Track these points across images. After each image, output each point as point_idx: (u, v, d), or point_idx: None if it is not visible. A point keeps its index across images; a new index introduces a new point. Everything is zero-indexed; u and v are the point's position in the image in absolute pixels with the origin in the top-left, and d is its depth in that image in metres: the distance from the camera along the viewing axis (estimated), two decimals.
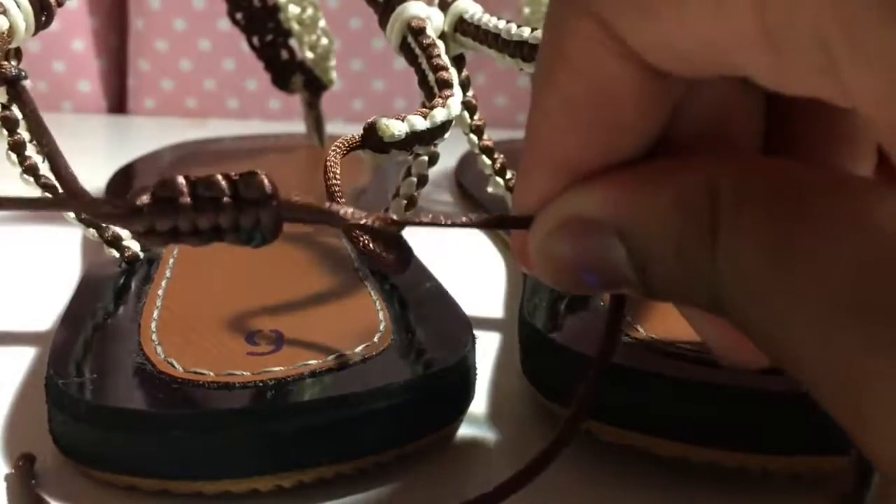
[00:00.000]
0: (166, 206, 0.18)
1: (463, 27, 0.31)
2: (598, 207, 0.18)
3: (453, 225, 0.20)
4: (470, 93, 0.32)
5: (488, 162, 0.33)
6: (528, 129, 0.19)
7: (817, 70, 0.15)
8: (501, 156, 0.33)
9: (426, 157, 0.31)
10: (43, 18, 0.29)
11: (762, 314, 0.16)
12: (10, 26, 0.27)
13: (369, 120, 0.24)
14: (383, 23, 0.31)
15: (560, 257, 0.19)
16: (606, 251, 0.18)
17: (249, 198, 0.18)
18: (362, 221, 0.19)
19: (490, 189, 0.33)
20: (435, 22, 0.30)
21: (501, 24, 0.30)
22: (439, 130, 0.26)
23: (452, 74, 0.28)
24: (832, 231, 0.15)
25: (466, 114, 0.32)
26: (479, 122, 0.32)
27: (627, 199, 0.18)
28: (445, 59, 0.28)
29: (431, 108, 0.26)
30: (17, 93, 0.23)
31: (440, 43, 0.29)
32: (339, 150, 0.24)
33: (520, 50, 0.29)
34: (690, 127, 0.19)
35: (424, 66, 0.29)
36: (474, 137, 0.32)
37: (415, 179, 0.32)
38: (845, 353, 0.14)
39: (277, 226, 0.19)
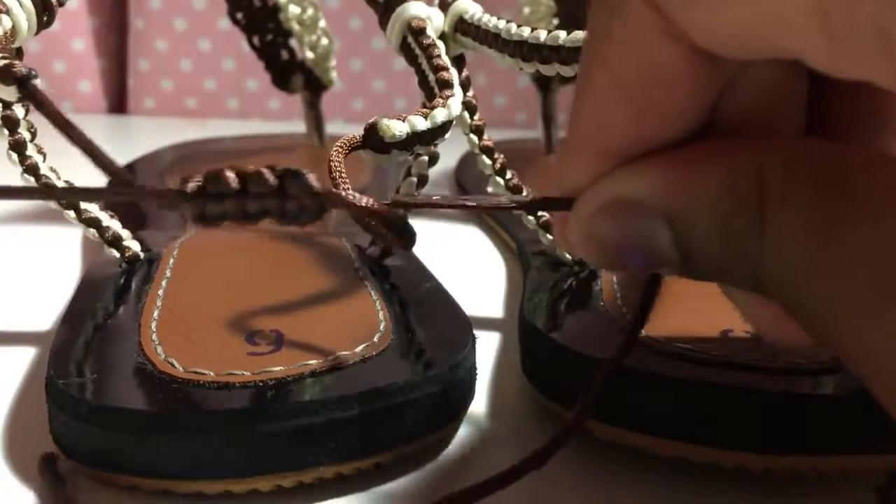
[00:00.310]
0: (215, 196, 0.19)
1: (463, 27, 0.31)
2: (644, 190, 0.18)
3: (493, 208, 0.20)
4: (470, 93, 0.32)
5: (488, 162, 0.33)
6: (573, 111, 0.19)
7: (874, 55, 0.15)
8: (501, 156, 0.33)
9: (426, 158, 0.31)
10: (44, 18, 0.29)
11: (809, 295, 0.16)
12: (13, 26, 0.27)
13: (370, 120, 0.24)
14: (383, 23, 0.31)
15: (604, 238, 0.19)
16: (650, 233, 0.18)
17: (295, 194, 0.19)
18: (371, 206, 0.19)
19: (490, 189, 0.33)
20: (435, 22, 0.30)
21: (501, 23, 0.30)
22: (440, 130, 0.26)
23: (453, 74, 0.28)
24: (877, 211, 0.15)
25: (466, 114, 0.32)
26: (479, 123, 0.32)
27: (673, 181, 0.18)
28: (446, 60, 0.28)
29: (432, 108, 0.26)
30: (29, 92, 0.23)
31: (440, 43, 0.29)
32: (340, 150, 0.24)
33: (519, 49, 0.29)
34: (734, 110, 0.19)
35: (425, 66, 0.29)
36: (474, 138, 0.32)
37: (415, 179, 0.32)
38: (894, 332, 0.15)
39: (322, 213, 0.20)
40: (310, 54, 0.49)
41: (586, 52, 0.19)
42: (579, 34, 0.27)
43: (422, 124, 0.25)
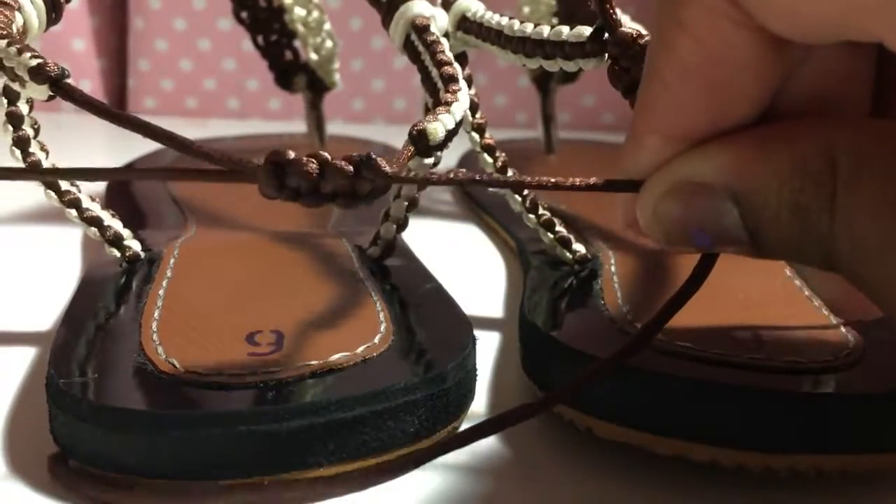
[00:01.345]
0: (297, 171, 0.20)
1: (465, 25, 0.31)
2: (712, 171, 0.19)
3: (558, 187, 0.21)
4: (472, 91, 0.32)
5: (490, 160, 0.33)
6: (641, 95, 0.20)
7: None
8: (503, 154, 0.33)
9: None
10: (53, 16, 0.29)
11: (879, 271, 0.17)
12: (24, 23, 0.28)
13: (418, 127, 0.24)
14: (387, 22, 0.31)
15: (672, 219, 0.20)
16: (718, 213, 0.19)
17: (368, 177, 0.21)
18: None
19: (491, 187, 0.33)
20: (440, 21, 0.30)
21: (504, 20, 0.30)
22: (458, 126, 0.26)
23: (457, 69, 0.28)
24: None
25: (468, 112, 0.32)
26: (480, 121, 0.32)
27: (742, 161, 0.19)
28: (450, 56, 0.28)
29: (448, 104, 0.26)
30: (63, 90, 0.24)
31: (444, 40, 0.29)
32: (399, 163, 0.24)
33: (522, 46, 0.29)
34: (799, 93, 0.20)
35: (428, 63, 0.29)
36: (476, 136, 0.32)
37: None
38: None
39: (385, 191, 0.21)
40: (314, 56, 0.49)
41: (655, 41, 0.20)
42: (582, 29, 0.27)
43: (450, 122, 0.25)
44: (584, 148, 0.56)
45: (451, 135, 0.25)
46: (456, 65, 0.28)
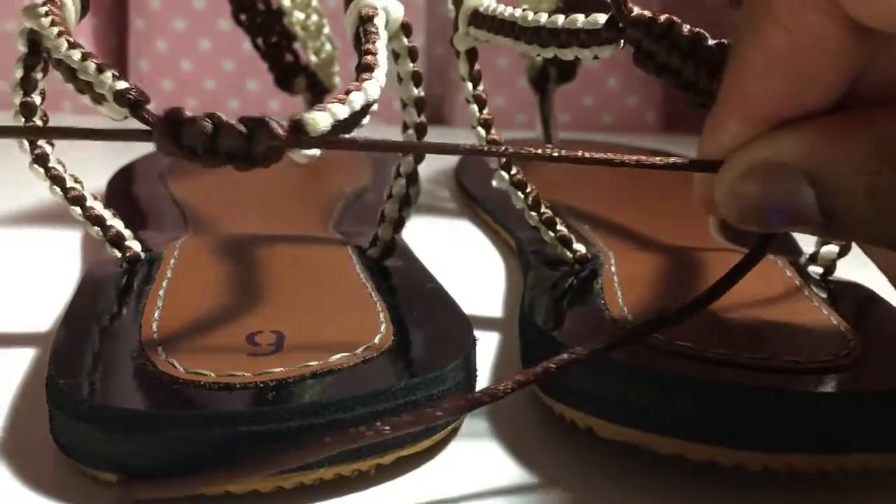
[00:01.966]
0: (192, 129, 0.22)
1: (478, 20, 0.31)
2: (790, 153, 0.20)
3: (641, 165, 0.22)
4: (480, 87, 0.33)
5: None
6: (726, 78, 0.21)
7: None
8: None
9: (412, 155, 0.31)
10: (83, 10, 0.30)
11: None
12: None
13: (294, 117, 0.23)
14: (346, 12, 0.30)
15: (748, 198, 0.21)
16: (795, 194, 0.20)
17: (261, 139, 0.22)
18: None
19: (495, 183, 0.33)
20: (393, 14, 0.30)
21: (518, 12, 0.30)
22: (360, 115, 0.26)
23: (380, 61, 0.27)
24: None
25: (476, 107, 0.33)
26: (487, 117, 0.33)
27: (820, 145, 0.20)
28: (378, 47, 0.27)
29: (347, 93, 0.25)
30: (142, 117, 0.24)
31: (383, 33, 0.29)
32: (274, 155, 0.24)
33: (537, 35, 0.29)
34: (878, 80, 0.20)
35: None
36: (482, 131, 0.33)
37: (404, 179, 0.32)
38: None
39: (281, 154, 0.22)
40: (313, 59, 0.49)
41: (742, 26, 0.20)
42: (597, 17, 0.27)
43: (342, 112, 0.25)
44: (585, 148, 0.56)
45: (343, 125, 0.24)
46: (381, 56, 0.27)
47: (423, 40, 0.68)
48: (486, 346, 0.32)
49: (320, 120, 0.24)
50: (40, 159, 0.30)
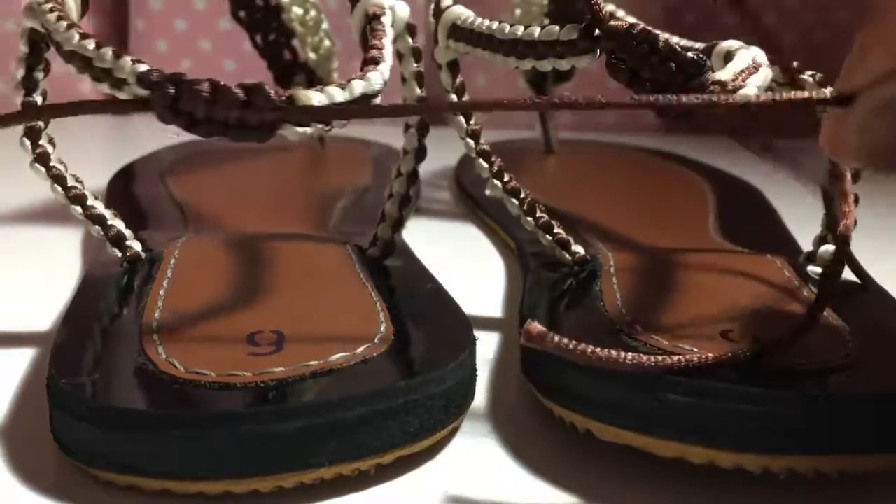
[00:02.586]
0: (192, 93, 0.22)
1: (456, 33, 0.31)
2: None
3: (760, 105, 0.22)
4: (465, 98, 0.32)
5: (485, 165, 0.33)
6: (873, 7, 0.21)
7: None
8: (499, 159, 0.33)
9: (412, 154, 0.31)
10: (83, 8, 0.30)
11: None
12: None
13: (287, 92, 0.24)
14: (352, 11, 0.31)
15: (878, 135, 0.20)
16: None
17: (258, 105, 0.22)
18: None
19: (488, 192, 0.34)
20: (399, 13, 0.30)
21: (494, 24, 0.30)
22: (358, 103, 0.26)
23: (386, 56, 0.27)
24: None
25: (462, 118, 0.32)
26: (475, 127, 0.33)
27: None
28: (384, 43, 0.28)
29: (348, 80, 0.25)
30: (166, 96, 0.24)
31: (390, 31, 0.29)
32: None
33: (514, 48, 0.29)
34: None
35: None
36: (471, 142, 0.33)
37: (405, 178, 0.32)
38: None
39: (276, 126, 0.23)
40: (312, 55, 0.49)
41: None
42: (573, 28, 0.27)
43: (340, 95, 0.25)
44: (584, 148, 0.56)
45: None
46: (387, 51, 0.27)
47: (423, 41, 0.68)
48: (486, 346, 0.32)
49: (313, 98, 0.24)
50: (41, 158, 0.30)
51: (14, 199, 0.47)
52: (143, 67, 0.25)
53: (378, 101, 0.26)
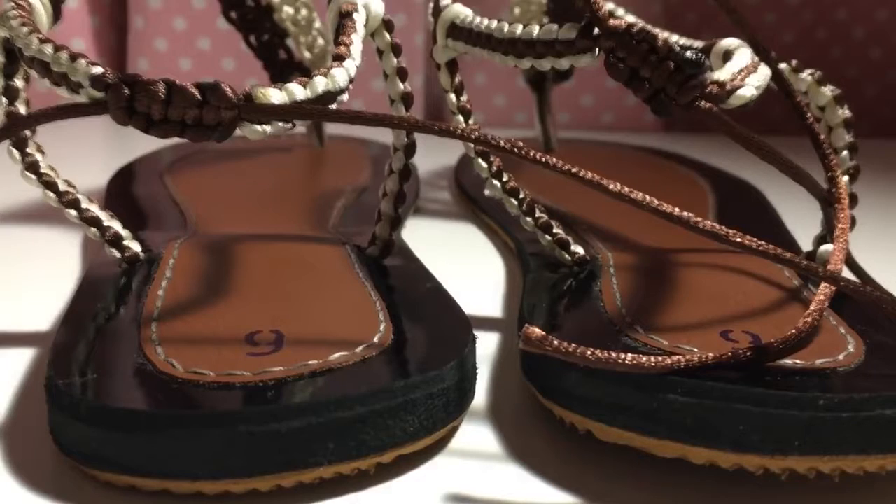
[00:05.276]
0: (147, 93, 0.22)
1: (455, 31, 0.31)
2: None
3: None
4: (464, 98, 0.32)
5: (484, 165, 0.33)
6: None
7: None
8: (497, 159, 0.33)
9: (402, 151, 0.31)
10: (55, 15, 0.30)
11: None
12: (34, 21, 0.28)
13: (245, 90, 0.24)
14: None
15: None
16: None
17: (215, 104, 0.22)
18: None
19: (487, 192, 0.34)
20: (374, 9, 0.30)
21: (493, 23, 0.30)
22: (321, 101, 0.25)
23: (353, 52, 0.27)
24: None
25: (461, 118, 0.32)
26: (474, 127, 0.33)
27: None
28: (353, 40, 0.27)
29: (308, 76, 0.25)
30: (121, 96, 0.24)
31: (361, 29, 0.29)
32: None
33: (513, 47, 0.29)
34: None
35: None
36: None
37: (397, 175, 0.32)
38: None
39: (234, 125, 0.23)
40: (307, 55, 0.49)
41: None
42: (572, 27, 0.27)
43: (301, 93, 0.24)
44: (584, 147, 0.56)
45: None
46: (354, 48, 0.27)
47: (423, 40, 0.68)
48: (486, 346, 0.32)
49: (272, 96, 0.24)
50: (32, 167, 0.30)
51: (14, 199, 0.47)
52: (97, 69, 0.25)
53: (346, 97, 0.26)
